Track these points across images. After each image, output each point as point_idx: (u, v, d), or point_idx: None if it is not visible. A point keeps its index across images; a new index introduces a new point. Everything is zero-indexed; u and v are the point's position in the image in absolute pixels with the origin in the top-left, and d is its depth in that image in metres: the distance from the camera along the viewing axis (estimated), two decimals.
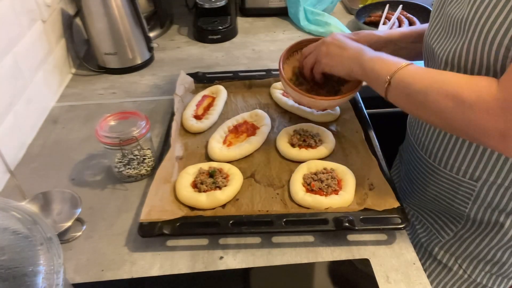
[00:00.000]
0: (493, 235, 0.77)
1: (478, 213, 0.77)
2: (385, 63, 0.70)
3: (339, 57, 0.78)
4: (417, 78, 0.64)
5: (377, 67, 0.71)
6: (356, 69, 0.75)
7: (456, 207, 0.80)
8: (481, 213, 0.77)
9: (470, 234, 0.80)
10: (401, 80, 0.66)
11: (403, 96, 0.67)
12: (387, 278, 0.67)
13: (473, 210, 0.77)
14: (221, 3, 1.39)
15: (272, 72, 1.12)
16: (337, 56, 0.78)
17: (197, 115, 1.00)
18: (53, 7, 1.14)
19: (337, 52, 0.78)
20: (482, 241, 0.79)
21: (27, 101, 0.98)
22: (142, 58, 1.25)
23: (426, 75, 0.64)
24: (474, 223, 0.79)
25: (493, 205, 0.75)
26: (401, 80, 0.66)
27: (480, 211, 0.77)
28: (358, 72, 0.75)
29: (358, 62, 0.74)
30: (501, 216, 0.75)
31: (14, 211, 0.48)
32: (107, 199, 0.83)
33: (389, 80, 0.67)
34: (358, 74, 0.76)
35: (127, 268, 0.70)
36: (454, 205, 0.80)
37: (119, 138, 0.79)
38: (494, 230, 0.77)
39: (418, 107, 0.65)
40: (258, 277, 0.70)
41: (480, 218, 0.77)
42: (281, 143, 0.90)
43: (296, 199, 0.77)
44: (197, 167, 0.84)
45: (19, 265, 0.43)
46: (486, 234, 0.78)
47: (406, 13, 1.39)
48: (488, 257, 0.80)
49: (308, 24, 1.42)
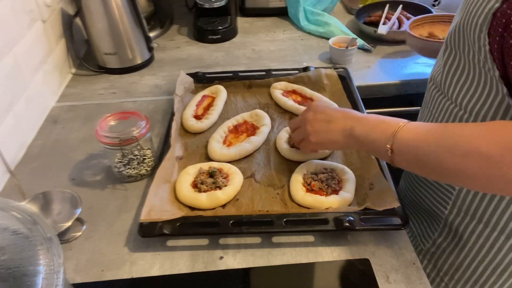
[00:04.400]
0: (471, 245, 0.75)
1: (456, 219, 0.75)
2: (379, 128, 0.64)
3: (328, 133, 0.71)
4: (421, 138, 0.58)
5: (372, 136, 0.64)
6: (351, 143, 0.69)
7: (436, 209, 0.79)
8: (458, 221, 0.75)
9: (447, 244, 0.78)
10: (404, 145, 0.60)
11: (412, 163, 0.61)
12: (387, 278, 0.67)
13: (451, 215, 0.76)
14: (221, 3, 1.39)
15: (272, 72, 1.12)
16: (324, 133, 0.72)
17: (197, 115, 1.00)
18: (53, 7, 1.14)
19: (324, 128, 0.72)
20: (460, 252, 0.77)
21: (27, 101, 0.98)
22: (142, 58, 1.25)
23: (431, 134, 0.58)
24: (451, 231, 0.77)
25: (470, 212, 0.72)
26: (404, 145, 0.60)
27: (458, 218, 0.75)
28: (355, 145, 0.71)
29: (350, 135, 0.68)
30: (478, 226, 0.72)
31: (14, 211, 0.48)
32: (107, 199, 0.83)
33: (390, 149, 0.61)
34: (356, 147, 0.72)
35: (127, 268, 0.70)
36: (434, 209, 0.79)
37: (119, 138, 0.79)
38: (471, 241, 0.74)
39: (433, 171, 0.59)
40: (258, 277, 0.70)
41: (456, 227, 0.75)
42: (281, 143, 0.90)
43: (296, 199, 0.77)
44: (197, 167, 0.84)
45: (19, 265, 0.43)
46: (463, 245, 0.76)
47: (406, 13, 1.39)
48: (467, 274, 0.77)
49: (308, 24, 1.42)
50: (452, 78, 0.69)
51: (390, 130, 0.61)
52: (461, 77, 0.67)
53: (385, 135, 0.62)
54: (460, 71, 0.67)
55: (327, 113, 0.72)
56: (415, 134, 0.59)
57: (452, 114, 0.70)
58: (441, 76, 0.72)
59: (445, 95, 0.72)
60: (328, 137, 0.72)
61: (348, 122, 0.69)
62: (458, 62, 0.67)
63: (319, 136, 0.73)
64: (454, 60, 0.68)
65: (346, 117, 0.70)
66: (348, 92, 1.03)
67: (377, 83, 1.16)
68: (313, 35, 1.40)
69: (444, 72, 0.71)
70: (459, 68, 0.67)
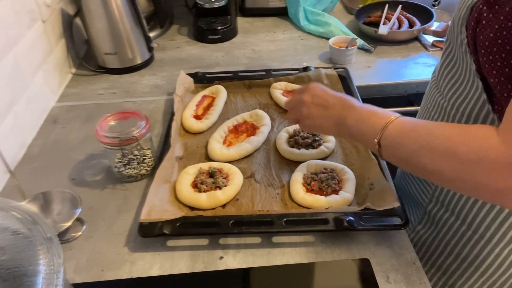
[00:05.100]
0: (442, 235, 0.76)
1: (433, 209, 0.77)
2: (369, 121, 0.64)
3: (323, 119, 0.72)
4: (405, 137, 0.59)
5: (363, 129, 0.65)
6: (343, 131, 0.70)
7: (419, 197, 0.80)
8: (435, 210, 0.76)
9: (424, 232, 0.80)
10: (390, 141, 0.61)
11: (396, 159, 0.62)
12: (387, 278, 0.67)
13: (430, 204, 0.77)
14: (221, 3, 1.39)
15: (272, 72, 1.12)
16: (319, 119, 0.72)
17: (197, 115, 1.00)
18: (53, 7, 1.14)
19: (319, 114, 0.72)
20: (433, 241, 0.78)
21: (27, 101, 0.98)
22: (142, 58, 1.25)
23: (414, 132, 0.58)
24: (429, 220, 0.79)
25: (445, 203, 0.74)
26: (390, 141, 0.61)
27: (435, 208, 0.76)
28: (346, 135, 0.72)
29: (343, 124, 0.68)
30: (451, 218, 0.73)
31: (14, 211, 0.48)
32: (107, 199, 0.83)
33: (377, 143, 0.62)
34: (347, 137, 0.73)
35: (127, 268, 0.70)
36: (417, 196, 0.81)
37: (119, 138, 0.79)
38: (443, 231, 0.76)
39: (416, 169, 0.60)
40: (258, 277, 0.70)
41: (433, 216, 0.77)
42: (281, 143, 0.90)
43: (296, 199, 0.77)
44: (197, 167, 0.84)
45: (19, 265, 0.43)
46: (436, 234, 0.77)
47: (406, 13, 1.39)
48: (438, 261, 0.79)
49: (308, 24, 1.42)
50: (446, 71, 0.70)
51: (379, 124, 0.62)
52: (452, 70, 0.68)
53: (374, 129, 0.62)
54: (452, 64, 0.68)
55: (324, 98, 0.72)
56: (400, 130, 0.60)
57: (442, 108, 0.71)
58: (438, 70, 0.74)
59: (439, 88, 0.73)
60: (322, 123, 0.72)
61: (343, 110, 0.69)
62: (453, 55, 0.68)
63: (314, 121, 0.74)
64: (450, 53, 0.69)
65: (343, 105, 0.70)
66: (348, 92, 1.03)
67: (377, 83, 1.16)
68: (313, 35, 1.40)
69: (443, 65, 0.72)
70: (452, 61, 0.68)
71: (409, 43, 1.32)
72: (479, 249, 0.71)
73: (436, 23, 1.33)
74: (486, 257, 0.71)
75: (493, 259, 0.70)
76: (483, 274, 0.73)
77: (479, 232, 0.70)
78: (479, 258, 0.72)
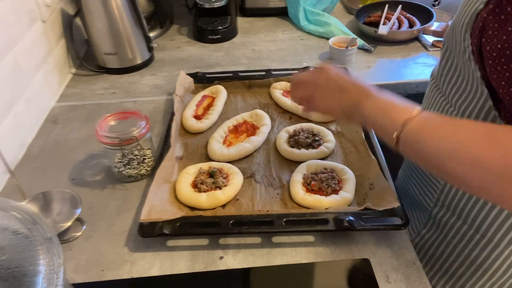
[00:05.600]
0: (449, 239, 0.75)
1: (439, 213, 0.76)
2: (389, 114, 0.59)
3: (337, 103, 0.67)
4: (428, 137, 0.54)
5: (380, 120, 0.60)
6: (357, 118, 0.65)
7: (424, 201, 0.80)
8: (441, 214, 0.76)
9: (430, 236, 0.79)
10: (410, 137, 0.56)
11: (416, 157, 0.57)
12: (387, 278, 0.67)
13: (436, 208, 0.77)
14: (221, 3, 1.39)
15: (272, 72, 1.12)
16: (333, 101, 0.68)
17: (197, 115, 1.00)
18: (53, 7, 1.14)
19: (333, 97, 0.68)
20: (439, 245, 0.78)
21: (27, 101, 0.98)
22: (142, 58, 1.25)
23: (438, 133, 0.53)
24: (434, 224, 0.78)
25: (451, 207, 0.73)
26: (410, 138, 0.56)
27: (441, 212, 0.76)
28: (359, 122, 0.68)
29: (358, 111, 0.63)
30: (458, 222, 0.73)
31: (14, 211, 0.48)
32: (107, 199, 0.83)
33: (396, 137, 0.57)
34: (360, 123, 0.69)
35: (127, 268, 0.70)
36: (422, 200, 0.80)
37: (119, 138, 0.79)
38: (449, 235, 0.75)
39: (437, 171, 0.56)
40: (258, 277, 0.70)
41: (439, 220, 0.76)
42: (281, 143, 0.90)
43: (296, 199, 0.77)
44: (197, 167, 0.84)
45: (19, 265, 0.43)
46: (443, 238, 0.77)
47: (406, 13, 1.39)
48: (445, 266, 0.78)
49: (308, 24, 1.42)
50: (446, 74, 0.70)
51: (400, 118, 0.56)
52: (454, 74, 0.68)
53: (394, 122, 0.57)
54: (453, 69, 0.68)
55: (340, 83, 0.67)
56: (423, 128, 0.55)
57: (445, 110, 0.71)
58: (437, 72, 0.73)
59: (440, 90, 0.72)
60: (335, 106, 0.68)
61: (359, 97, 0.64)
62: (452, 59, 0.68)
63: (327, 103, 0.69)
64: (449, 57, 0.69)
65: (360, 91, 0.64)
66: None
67: (377, 83, 1.16)
68: (313, 35, 1.40)
69: (441, 67, 0.72)
70: (453, 65, 0.68)
71: (409, 43, 1.32)
72: (488, 253, 0.70)
73: (436, 23, 1.33)
74: (494, 260, 0.70)
75: (502, 262, 0.70)
76: (491, 277, 0.72)
77: (487, 236, 0.69)
78: (487, 261, 0.71)
